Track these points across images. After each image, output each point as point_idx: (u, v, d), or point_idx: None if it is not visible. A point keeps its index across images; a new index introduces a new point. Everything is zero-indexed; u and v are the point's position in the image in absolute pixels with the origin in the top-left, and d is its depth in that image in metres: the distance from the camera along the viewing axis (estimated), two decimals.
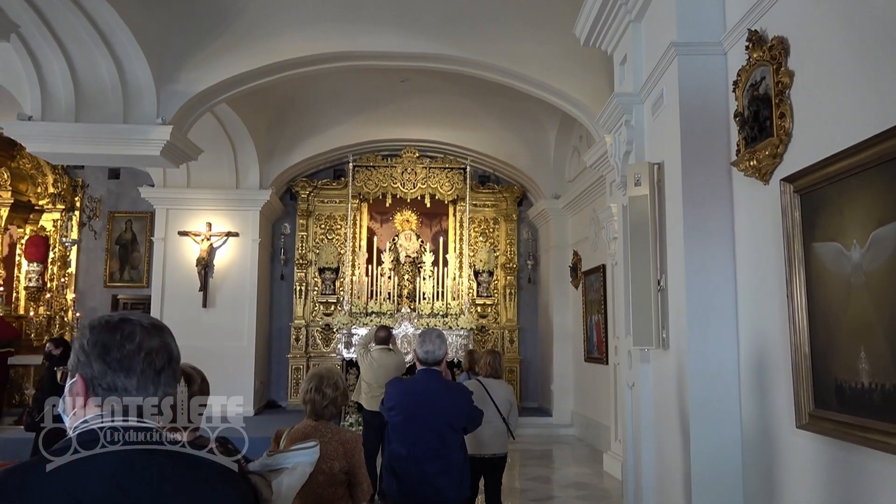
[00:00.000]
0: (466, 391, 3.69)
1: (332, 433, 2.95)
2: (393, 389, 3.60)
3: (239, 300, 10.06)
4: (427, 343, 3.57)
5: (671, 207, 4.15)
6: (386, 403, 3.62)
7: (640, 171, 4.34)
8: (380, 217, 11.71)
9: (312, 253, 11.02)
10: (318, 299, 10.90)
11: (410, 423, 3.47)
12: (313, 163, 10.93)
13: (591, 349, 9.15)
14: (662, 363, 4.37)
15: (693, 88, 3.95)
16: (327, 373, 3.06)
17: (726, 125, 3.87)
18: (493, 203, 11.36)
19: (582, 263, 9.70)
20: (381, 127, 10.52)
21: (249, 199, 10.17)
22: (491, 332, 11.10)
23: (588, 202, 9.31)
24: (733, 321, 3.81)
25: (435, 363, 3.58)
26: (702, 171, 3.88)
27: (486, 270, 11.02)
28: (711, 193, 3.86)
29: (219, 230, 10.09)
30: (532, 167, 10.63)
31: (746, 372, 3.72)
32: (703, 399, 3.79)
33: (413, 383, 3.64)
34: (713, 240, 3.86)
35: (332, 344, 10.68)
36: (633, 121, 4.78)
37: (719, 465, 3.73)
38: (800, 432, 3.12)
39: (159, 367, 1.28)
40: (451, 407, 3.51)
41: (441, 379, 3.60)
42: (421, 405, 3.48)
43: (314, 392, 2.99)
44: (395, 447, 3.50)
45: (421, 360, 3.60)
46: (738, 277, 3.83)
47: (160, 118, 7.20)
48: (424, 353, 3.57)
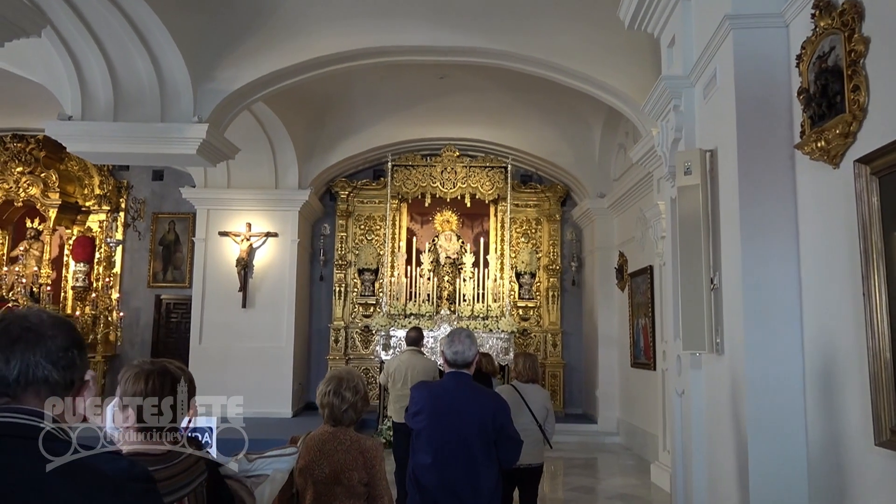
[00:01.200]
0: (502, 400, 3.34)
1: (350, 441, 2.70)
2: (418, 393, 3.31)
3: (278, 301, 10.00)
4: (456, 343, 3.25)
5: (726, 197, 3.78)
6: (410, 408, 3.31)
7: (691, 159, 3.97)
8: (420, 218, 11.55)
9: (352, 254, 10.91)
10: (358, 301, 10.78)
11: (436, 428, 3.15)
12: (352, 163, 10.84)
13: (638, 354, 8.81)
14: (716, 369, 4.00)
15: (750, 65, 3.56)
16: (347, 375, 2.80)
17: (788, 104, 3.47)
18: (535, 203, 11.10)
19: (628, 265, 9.37)
20: (420, 126, 10.37)
21: (288, 199, 10.12)
22: (533, 336, 10.81)
23: (634, 201, 8.96)
24: (797, 323, 3.41)
25: (465, 365, 3.25)
26: (760, 155, 3.50)
27: (528, 272, 10.75)
28: (771, 180, 3.47)
29: (258, 230, 10.05)
30: (576, 165, 10.33)
31: (813, 381, 3.31)
32: (763, 411, 3.39)
33: (440, 386, 3.34)
34: (773, 232, 3.47)
35: (370, 346, 10.54)
36: (683, 106, 4.42)
37: (782, 486, 3.32)
38: (878, 450, 2.71)
39: (14, 335, 1.22)
40: (480, 414, 3.15)
41: (471, 383, 3.28)
42: (447, 409, 3.17)
43: (332, 395, 2.74)
44: (420, 456, 3.18)
45: (449, 362, 3.27)
46: (802, 274, 3.42)
47: (196, 117, 7.15)
48: (453, 353, 3.24)
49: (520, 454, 3.31)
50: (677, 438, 4.67)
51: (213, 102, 7.19)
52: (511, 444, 3.21)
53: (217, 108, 7.23)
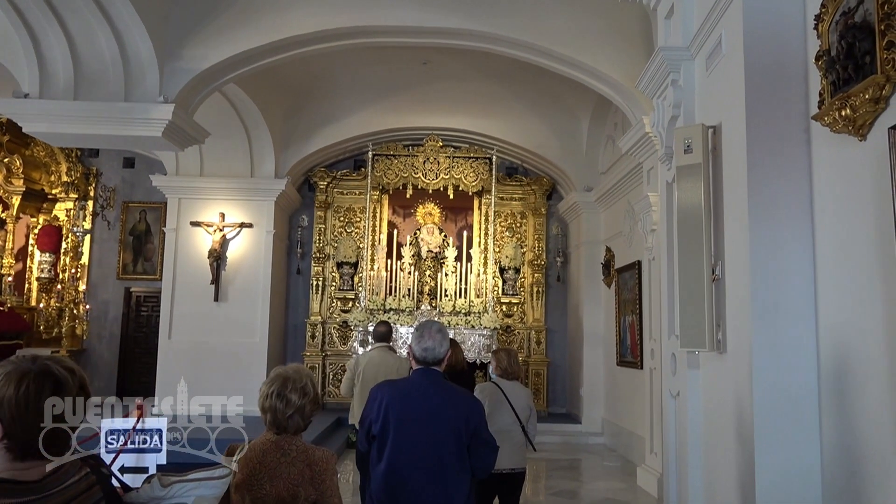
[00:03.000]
0: (476, 400, 2.96)
1: (296, 452, 2.30)
2: (381, 392, 2.87)
3: (252, 294, 9.62)
4: (426, 338, 2.88)
5: (731, 177, 3.41)
6: (368, 410, 2.85)
7: (692, 136, 3.61)
8: (402, 210, 11.22)
9: (330, 246, 10.56)
10: (336, 295, 10.43)
11: (402, 433, 2.76)
12: (332, 152, 10.50)
13: (625, 352, 8.52)
14: (717, 369, 3.65)
15: (761, 29, 3.18)
16: (294, 373, 2.38)
17: (803, 71, 3.09)
18: (520, 196, 10.81)
19: (615, 260, 9.11)
20: (403, 114, 10.06)
21: (264, 188, 9.74)
22: (516, 333, 10.52)
23: (623, 194, 8.70)
24: (811, 317, 3.03)
25: (435, 362, 2.90)
26: (772, 129, 3.12)
27: (512, 267, 10.46)
28: (784, 157, 3.09)
29: (232, 221, 9.66)
30: (563, 158, 10.06)
31: (829, 381, 2.92)
32: (772, 416, 3.02)
33: (407, 385, 2.95)
34: (785, 215, 3.09)
35: (349, 342, 10.20)
36: (682, 80, 4.08)
37: (793, 497, 2.93)
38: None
39: None
40: (454, 417, 2.78)
41: (442, 381, 2.92)
42: (417, 412, 2.80)
43: (275, 398, 2.33)
44: (383, 467, 2.74)
45: (418, 359, 2.91)
46: (817, 261, 3.03)
47: (162, 97, 6.72)
48: (423, 350, 2.88)
49: (495, 461, 2.92)
50: (670, 443, 4.30)
51: (181, 82, 6.77)
52: (487, 449, 2.84)
53: (185, 89, 6.81)
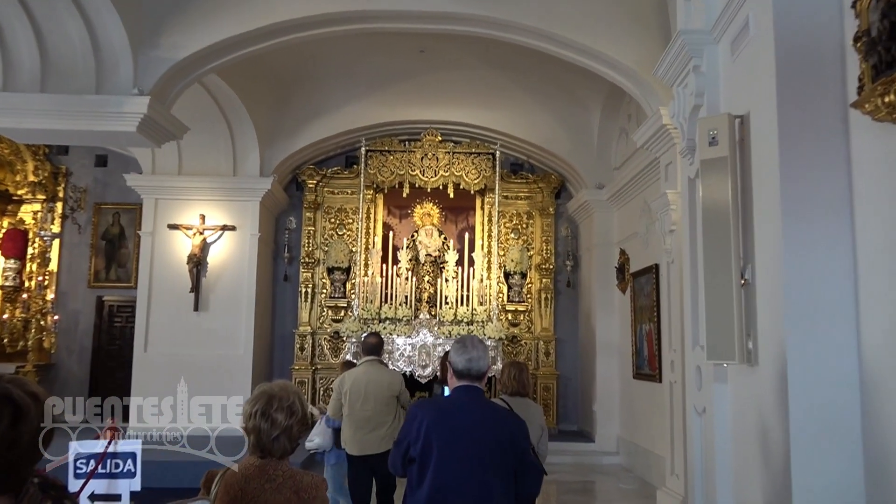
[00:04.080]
0: (520, 419, 3.00)
1: (283, 477, 2.25)
2: (421, 412, 2.91)
3: (235, 303, 9.60)
4: (470, 348, 2.94)
5: (761, 171, 3.38)
6: (406, 432, 2.86)
7: (717, 126, 3.60)
8: (398, 211, 11.20)
9: (321, 250, 10.54)
10: (327, 303, 10.39)
11: (446, 456, 2.77)
12: (322, 148, 10.48)
13: (641, 364, 8.48)
14: (747, 383, 3.62)
15: (793, 9, 3.16)
16: (280, 391, 2.35)
17: (840, 55, 3.05)
18: (526, 194, 10.78)
19: (630, 263, 9.09)
20: (398, 107, 10.05)
21: (248, 188, 9.72)
22: (523, 343, 10.49)
23: (638, 191, 8.68)
24: (852, 324, 2.99)
25: (479, 377, 2.94)
26: (805, 118, 3.09)
27: (518, 272, 10.43)
28: (819, 148, 3.05)
29: (213, 223, 9.64)
30: (572, 153, 10.05)
31: (871, 394, 2.86)
32: (810, 432, 2.98)
33: (449, 403, 2.99)
34: (822, 212, 3.06)
35: (340, 354, 10.10)
36: (705, 66, 4.08)
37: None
38: None
39: None
40: (498, 437, 2.81)
41: (486, 399, 2.99)
42: (461, 432, 2.82)
43: (259, 417, 2.28)
44: (423, 491, 2.74)
45: (459, 373, 2.94)
46: (858, 263, 2.99)
47: (137, 89, 6.70)
48: (467, 361, 2.91)
49: (541, 486, 2.98)
50: (695, 464, 4.25)
51: (157, 73, 6.76)
52: (533, 473, 2.91)
53: (161, 80, 6.80)
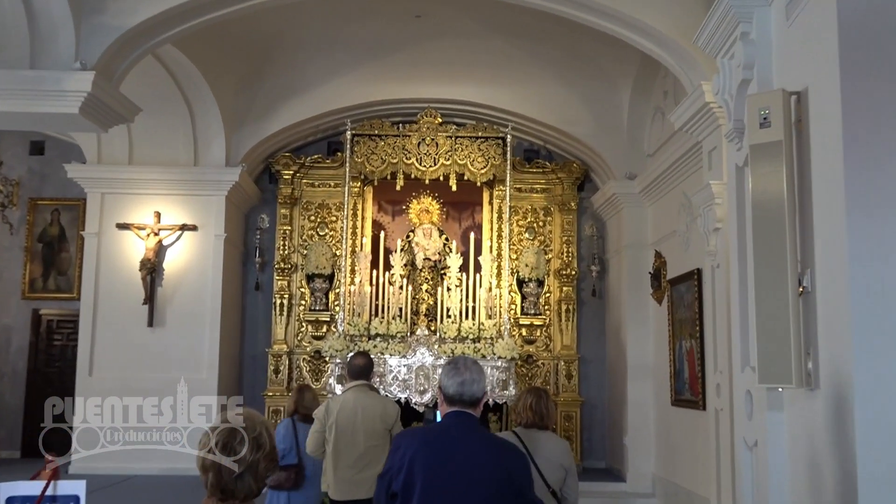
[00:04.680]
0: (521, 452, 3.10)
1: None
2: (404, 441, 3.07)
3: (197, 317, 9.69)
4: (462, 370, 3.06)
5: (822, 157, 3.45)
6: (391, 463, 2.99)
7: (769, 105, 3.68)
8: (390, 207, 11.28)
9: (298, 254, 10.58)
10: (306, 317, 10.44)
11: (432, 490, 2.89)
12: (299, 132, 10.55)
13: (681, 388, 8.52)
14: (806, 410, 3.68)
15: None
16: (245, 420, 2.36)
17: None
18: (543, 187, 10.81)
19: (667, 268, 9.12)
20: (391, 83, 10.11)
21: (212, 180, 9.80)
22: (540, 364, 10.52)
23: (676, 182, 8.71)
24: None
25: (472, 403, 3.06)
26: (873, 94, 3.22)
27: (533, 279, 10.46)
28: (891, 129, 3.08)
29: (170, 222, 9.73)
30: (597, 137, 10.10)
31: None
32: (881, 468, 3.06)
33: (436, 432, 3.18)
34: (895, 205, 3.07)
35: (322, 377, 10.20)
36: (755, 33, 4.14)
37: None
38: None
39: None
40: (495, 472, 2.91)
41: (480, 428, 3.12)
42: (449, 464, 2.93)
43: (220, 450, 2.28)
44: None
45: (450, 398, 3.07)
46: None
47: (79, 62, 6.78)
48: (459, 385, 3.04)
49: None
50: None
51: (103, 44, 6.84)
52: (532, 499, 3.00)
53: (108, 52, 6.87)
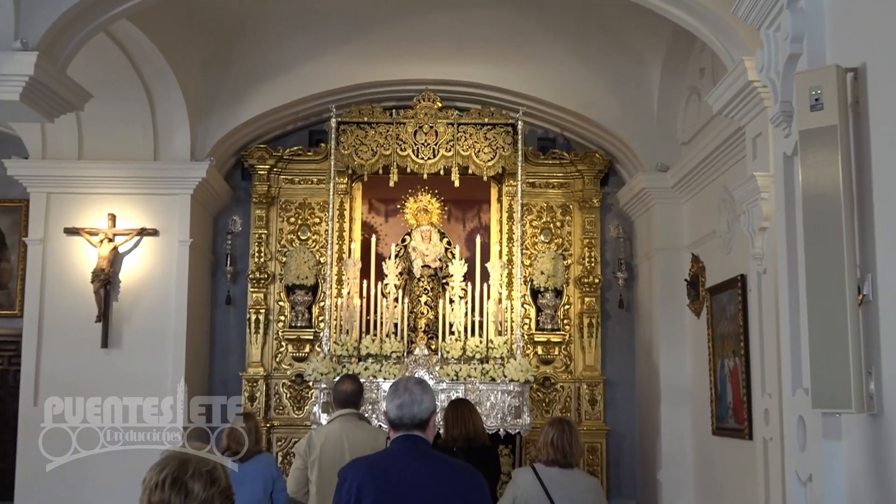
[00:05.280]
0: (477, 475, 3.41)
1: None
2: (351, 471, 3.42)
3: (159, 336, 9.67)
4: (401, 392, 3.42)
5: (884, 146, 3.46)
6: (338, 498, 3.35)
7: (821, 84, 3.67)
8: (383, 207, 11.31)
9: (276, 262, 10.59)
10: (286, 335, 10.44)
11: None
12: (276, 120, 10.58)
13: (724, 415, 8.55)
14: (868, 439, 3.69)
15: None
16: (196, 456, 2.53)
17: None
18: (560, 181, 10.81)
19: (706, 275, 9.15)
20: (382, 62, 10.10)
21: (175, 177, 9.80)
22: (559, 388, 10.53)
23: (716, 174, 8.75)
24: None
25: (415, 425, 3.39)
26: None
27: (550, 289, 10.44)
28: None
29: (127, 226, 9.70)
30: (623, 122, 10.11)
31: None
32: None
33: (382, 459, 3.52)
34: None
35: (305, 406, 10.21)
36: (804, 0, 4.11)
37: None
38: None
39: None
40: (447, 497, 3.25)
41: (429, 451, 3.43)
42: (396, 491, 3.28)
43: (169, 489, 2.41)
44: None
45: (393, 422, 3.43)
46: None
47: (20, 41, 6.78)
48: (397, 408, 3.39)
49: None
50: None
51: (47, 20, 6.86)
52: None
53: (53, 29, 6.89)
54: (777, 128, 4.59)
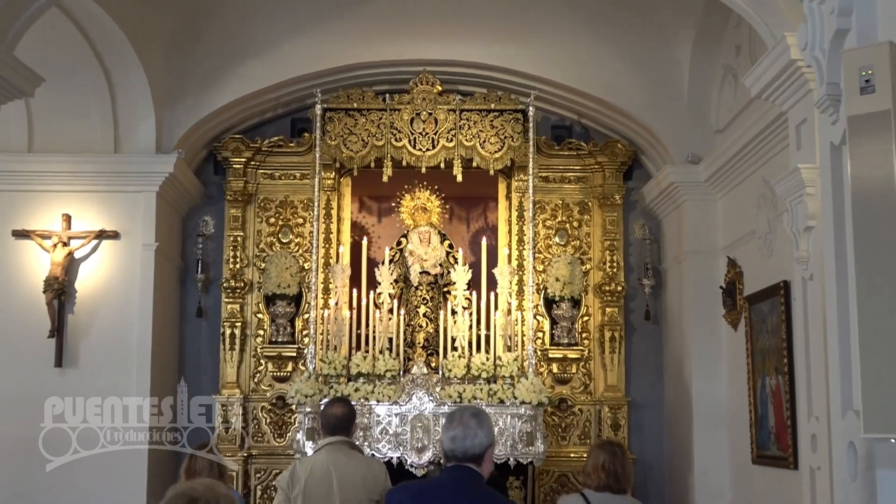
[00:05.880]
0: None
1: None
2: (395, 497, 3.85)
3: (120, 354, 9.66)
4: (455, 424, 3.72)
5: None
6: None
7: (873, 63, 3.69)
8: (376, 206, 11.33)
9: (254, 268, 10.60)
10: (265, 351, 10.43)
11: None
12: (253, 107, 10.61)
13: (765, 441, 8.54)
14: None
15: None
16: (206, 492, 2.66)
17: None
18: (578, 175, 10.83)
19: (744, 281, 9.16)
20: (374, 40, 10.12)
21: (139, 172, 9.81)
22: (577, 411, 10.53)
23: (754, 166, 8.74)
24: None
25: (469, 458, 3.67)
26: None
27: (567, 298, 10.45)
28: None
29: (84, 228, 9.71)
30: (649, 108, 10.14)
31: None
32: None
33: (433, 488, 3.90)
34: None
35: (287, 433, 10.20)
36: None
37: None
38: None
39: None
40: None
41: (480, 485, 3.67)
42: None
43: None
44: None
45: (445, 455, 3.76)
46: None
47: None
48: (450, 440, 3.71)
49: None
50: None
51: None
52: None
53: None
54: (823, 113, 4.56)
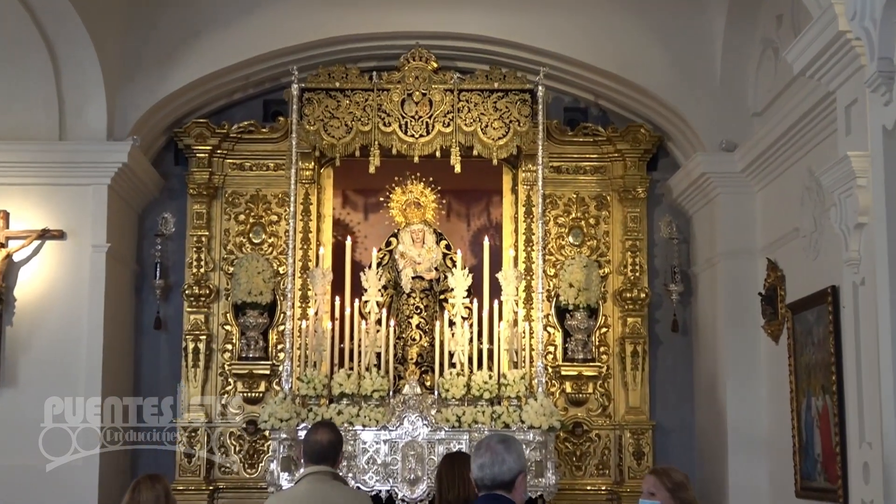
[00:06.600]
0: None
1: None
2: None
3: (66, 371, 9.69)
4: (484, 452, 4.09)
5: None
6: None
7: None
8: (362, 200, 11.46)
9: (221, 273, 10.66)
10: (234, 369, 10.46)
11: None
12: (220, 87, 10.71)
13: (810, 469, 8.58)
14: None
15: None
16: None
17: None
18: (594, 164, 10.92)
19: (785, 286, 9.18)
20: (359, 10, 10.18)
21: (87, 161, 9.87)
22: (595, 437, 10.60)
23: (798, 154, 8.75)
24: None
25: (499, 485, 4.03)
26: None
27: (582, 306, 10.48)
28: None
29: (24, 227, 9.76)
30: (676, 88, 10.20)
31: None
32: None
33: None
34: None
35: (259, 463, 10.26)
36: None
37: None
38: None
39: None
40: None
41: None
42: None
43: None
44: None
45: (476, 483, 4.13)
46: None
47: None
48: (478, 468, 4.08)
49: None
50: None
51: None
52: None
53: None
54: (874, 93, 4.58)
